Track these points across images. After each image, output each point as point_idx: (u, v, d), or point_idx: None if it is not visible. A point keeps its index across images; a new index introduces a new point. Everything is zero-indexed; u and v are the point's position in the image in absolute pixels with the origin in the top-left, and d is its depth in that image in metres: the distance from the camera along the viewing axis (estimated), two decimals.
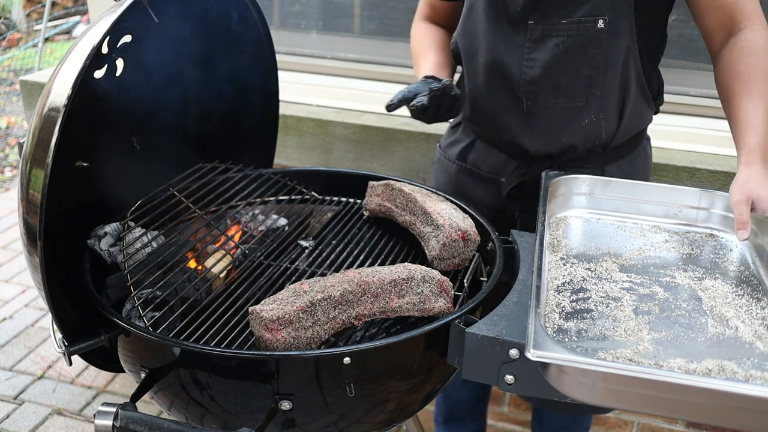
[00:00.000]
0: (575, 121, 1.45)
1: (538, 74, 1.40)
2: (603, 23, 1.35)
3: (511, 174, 1.54)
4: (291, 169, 1.62)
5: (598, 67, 1.39)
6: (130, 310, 1.20)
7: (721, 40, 1.37)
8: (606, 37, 1.36)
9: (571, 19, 1.36)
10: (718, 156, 1.89)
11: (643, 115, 1.51)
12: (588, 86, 1.41)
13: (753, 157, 1.25)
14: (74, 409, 2.48)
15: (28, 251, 1.08)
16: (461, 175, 1.63)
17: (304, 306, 1.03)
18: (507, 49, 1.42)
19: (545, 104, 1.43)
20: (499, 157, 1.56)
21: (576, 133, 1.46)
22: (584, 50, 1.38)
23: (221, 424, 1.09)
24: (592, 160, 1.51)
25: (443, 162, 1.68)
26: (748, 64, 1.31)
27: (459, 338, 1.05)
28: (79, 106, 1.05)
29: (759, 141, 1.26)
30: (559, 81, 1.41)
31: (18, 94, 5.75)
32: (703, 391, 0.87)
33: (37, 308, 3.06)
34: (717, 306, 1.12)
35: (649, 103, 1.49)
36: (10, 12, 7.05)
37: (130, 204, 1.36)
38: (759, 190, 1.21)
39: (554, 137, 1.47)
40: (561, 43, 1.37)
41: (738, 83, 1.32)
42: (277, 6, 2.36)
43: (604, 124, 1.45)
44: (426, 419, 2.17)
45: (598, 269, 1.22)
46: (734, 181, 1.25)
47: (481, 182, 1.60)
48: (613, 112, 1.45)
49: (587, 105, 1.43)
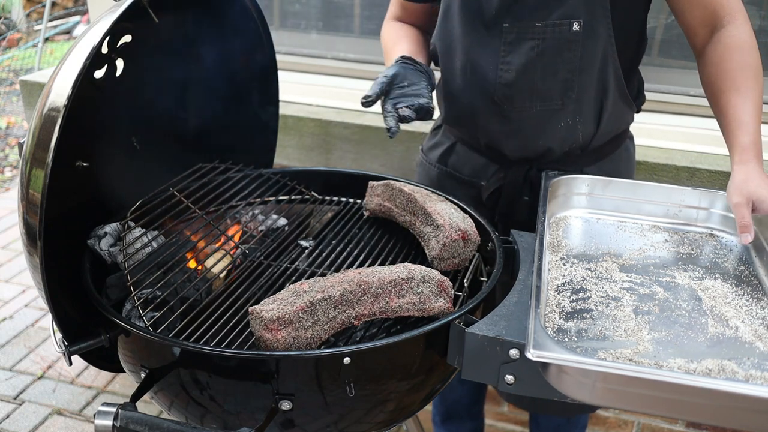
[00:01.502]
0: (551, 123, 1.44)
1: (513, 77, 1.39)
2: (578, 26, 1.34)
3: (491, 178, 1.54)
4: (291, 169, 1.62)
5: (574, 70, 1.38)
6: (130, 310, 1.20)
7: (705, 37, 1.36)
8: (582, 40, 1.35)
9: (546, 22, 1.35)
10: (718, 156, 1.89)
11: (624, 116, 1.51)
12: (564, 89, 1.40)
13: (747, 155, 1.25)
14: (74, 409, 2.48)
15: (28, 251, 1.08)
16: (442, 178, 1.62)
17: (304, 306, 1.03)
18: (483, 52, 1.41)
19: (521, 107, 1.42)
20: (479, 161, 1.56)
21: (553, 136, 1.45)
22: (560, 53, 1.37)
23: (221, 424, 1.09)
24: (570, 162, 1.50)
25: (425, 165, 1.68)
26: (733, 60, 1.30)
27: (459, 338, 1.05)
28: (79, 106, 1.05)
29: (751, 139, 1.25)
30: (535, 84, 1.40)
31: (18, 94, 5.75)
32: (703, 391, 0.87)
33: (37, 308, 3.06)
34: (717, 306, 1.12)
35: (630, 104, 1.48)
36: (10, 12, 7.05)
37: (130, 204, 1.36)
38: (758, 191, 1.20)
39: (531, 140, 1.46)
40: (536, 46, 1.36)
41: (724, 80, 1.31)
42: (277, 6, 2.36)
43: (581, 127, 1.44)
44: (426, 419, 2.17)
45: (598, 269, 1.22)
46: (731, 181, 1.25)
47: (461, 186, 1.59)
48: (590, 115, 1.44)
49: (563, 108, 1.42)
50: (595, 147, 1.50)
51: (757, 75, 1.30)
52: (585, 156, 1.51)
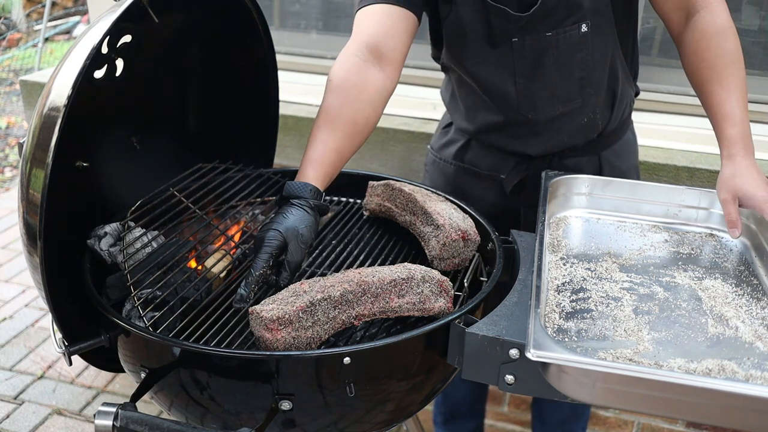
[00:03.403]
0: (575, 121, 1.46)
1: (532, 87, 1.41)
2: (586, 27, 1.35)
3: (512, 171, 1.54)
4: (291, 169, 1.62)
5: (588, 67, 1.39)
6: (130, 310, 1.20)
7: (680, 22, 1.35)
8: (591, 39, 1.36)
9: (556, 31, 1.36)
10: (718, 156, 1.88)
11: (629, 95, 1.53)
12: (582, 87, 1.41)
13: (734, 148, 1.25)
14: (74, 409, 2.48)
15: (28, 251, 1.08)
16: (460, 174, 1.63)
17: (304, 306, 1.03)
18: (498, 70, 1.42)
19: (544, 113, 1.44)
20: (497, 156, 1.56)
21: (577, 133, 1.47)
22: (572, 55, 1.38)
23: (221, 424, 1.09)
24: (589, 149, 1.52)
25: (438, 164, 1.68)
26: (710, 47, 1.29)
27: (459, 338, 1.05)
28: (79, 106, 1.05)
29: (738, 130, 1.24)
30: (555, 89, 1.41)
31: (18, 94, 5.75)
32: (703, 391, 0.87)
33: (37, 308, 3.06)
34: (717, 306, 1.12)
35: (631, 83, 1.51)
36: (10, 12, 7.05)
37: (130, 204, 1.36)
38: (743, 187, 1.20)
39: (556, 140, 1.48)
40: (549, 54, 1.37)
41: (705, 69, 1.29)
42: (277, 6, 2.36)
43: (600, 117, 1.47)
44: (426, 419, 2.17)
45: (598, 269, 1.22)
46: (719, 176, 1.25)
47: (481, 180, 1.59)
48: (606, 104, 1.46)
49: (584, 104, 1.43)
50: (608, 131, 1.52)
51: (737, 60, 1.28)
52: (601, 141, 1.53)
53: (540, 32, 1.35)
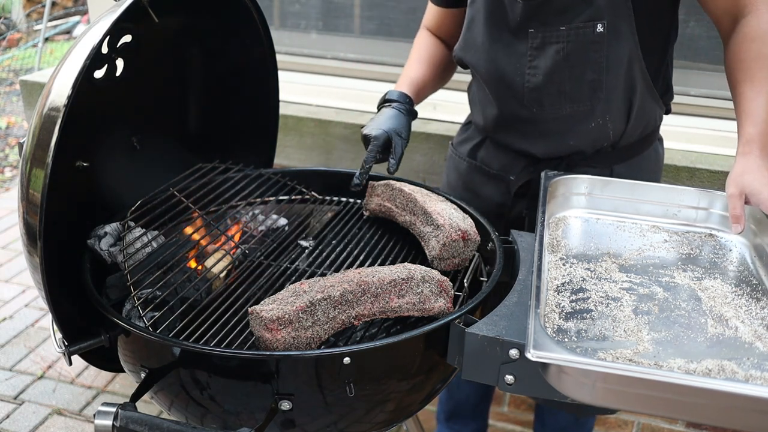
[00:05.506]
0: (582, 125, 1.45)
1: (541, 81, 1.41)
2: (602, 27, 1.35)
3: (520, 172, 1.54)
4: (291, 169, 1.62)
5: (600, 71, 1.39)
6: (130, 310, 1.20)
7: (728, 26, 1.37)
8: (606, 40, 1.36)
9: (570, 26, 1.36)
10: (718, 156, 1.89)
11: (652, 112, 1.51)
12: (592, 90, 1.41)
13: (750, 147, 1.25)
14: (74, 409, 2.48)
15: (28, 251, 1.08)
16: (471, 172, 1.64)
17: (303, 306, 1.03)
18: (509, 59, 1.43)
19: (551, 110, 1.44)
20: (508, 156, 1.57)
21: (583, 137, 1.46)
22: (586, 55, 1.38)
23: (221, 424, 1.09)
24: (600, 160, 1.51)
25: (454, 159, 1.70)
26: (750, 50, 1.30)
27: (459, 338, 1.05)
28: (79, 106, 1.05)
29: (758, 130, 1.25)
30: (563, 86, 1.41)
31: (18, 94, 5.75)
32: (703, 391, 0.87)
33: (37, 308, 3.06)
34: (716, 306, 1.12)
35: (657, 100, 1.48)
36: (10, 12, 7.05)
37: (130, 204, 1.36)
38: (753, 184, 1.20)
39: (561, 141, 1.48)
40: (562, 49, 1.37)
41: (740, 70, 1.31)
42: (277, 6, 2.36)
43: (611, 125, 1.45)
44: (426, 419, 2.17)
45: (597, 269, 1.22)
46: (730, 172, 1.25)
47: (490, 180, 1.60)
48: (620, 113, 1.45)
49: (593, 108, 1.43)
50: (625, 145, 1.51)
51: None
52: (615, 154, 1.51)
53: (555, 25, 1.36)
